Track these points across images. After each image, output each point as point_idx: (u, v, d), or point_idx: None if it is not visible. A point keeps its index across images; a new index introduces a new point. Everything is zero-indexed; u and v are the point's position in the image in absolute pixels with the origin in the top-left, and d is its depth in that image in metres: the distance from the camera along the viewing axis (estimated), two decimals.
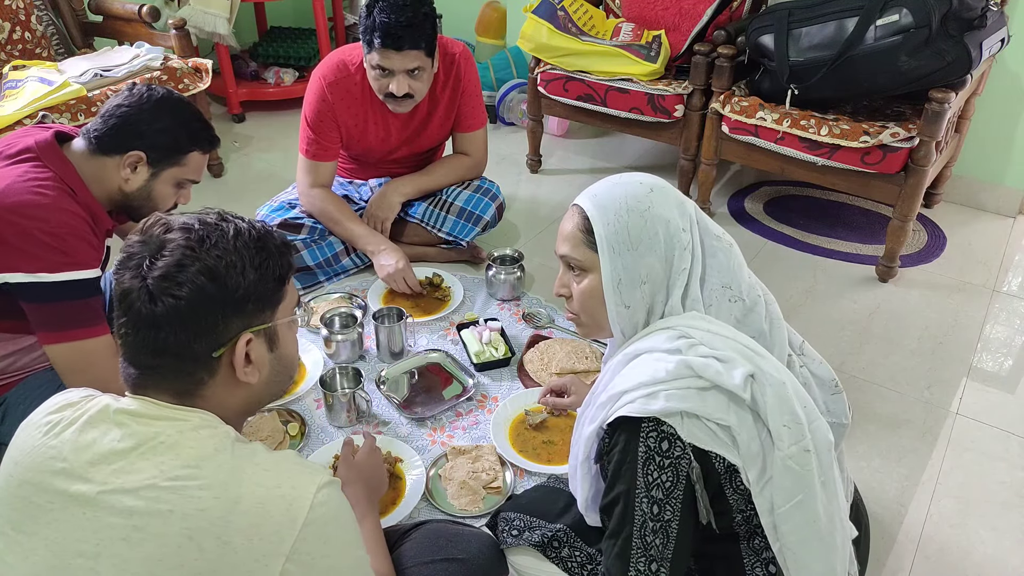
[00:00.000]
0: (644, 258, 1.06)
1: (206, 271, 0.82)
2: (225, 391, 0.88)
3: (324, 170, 2.15)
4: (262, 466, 0.81)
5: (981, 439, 1.77)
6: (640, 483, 0.97)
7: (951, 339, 2.10)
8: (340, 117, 2.09)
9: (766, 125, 2.30)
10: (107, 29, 2.94)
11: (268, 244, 0.89)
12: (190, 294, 0.81)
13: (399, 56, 1.91)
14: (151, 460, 0.78)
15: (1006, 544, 1.52)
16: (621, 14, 2.82)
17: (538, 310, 2.12)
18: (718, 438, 0.97)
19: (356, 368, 1.76)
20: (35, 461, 0.81)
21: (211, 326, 0.84)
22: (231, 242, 0.85)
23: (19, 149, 1.40)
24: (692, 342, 1.02)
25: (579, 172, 3.02)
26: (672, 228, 1.06)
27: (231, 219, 0.88)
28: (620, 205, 1.07)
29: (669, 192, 1.10)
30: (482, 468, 1.56)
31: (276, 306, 0.91)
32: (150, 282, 0.81)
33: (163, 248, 0.83)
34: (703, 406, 0.97)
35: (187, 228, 0.84)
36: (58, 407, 0.86)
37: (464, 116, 2.23)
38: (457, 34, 3.65)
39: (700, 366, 0.98)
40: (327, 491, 0.82)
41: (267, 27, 3.78)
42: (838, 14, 2.13)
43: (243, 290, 0.85)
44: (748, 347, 1.04)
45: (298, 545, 0.77)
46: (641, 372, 1.01)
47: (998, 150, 2.67)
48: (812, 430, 1.01)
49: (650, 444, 0.97)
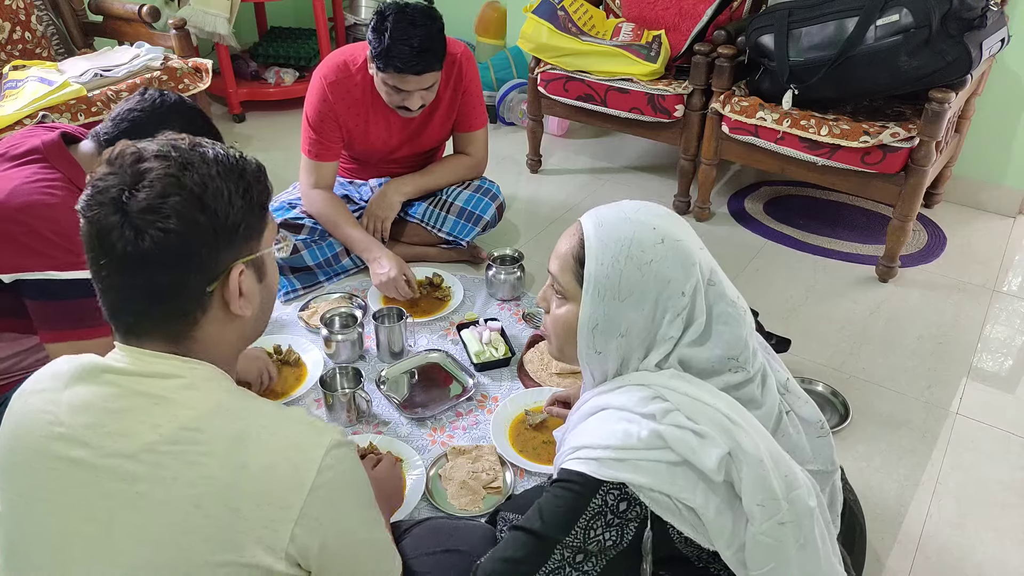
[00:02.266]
0: (628, 312, 0.98)
1: (194, 200, 0.77)
2: (218, 329, 0.84)
3: (326, 170, 2.15)
4: (268, 428, 0.78)
5: (981, 439, 1.77)
6: (576, 536, 0.92)
7: (951, 339, 2.10)
8: (341, 117, 2.09)
9: (766, 125, 2.30)
10: (107, 29, 2.94)
11: (246, 169, 0.84)
12: (180, 226, 0.76)
13: (417, 79, 1.92)
14: (146, 422, 0.76)
15: (1006, 544, 1.52)
16: (621, 14, 2.82)
17: (538, 310, 2.12)
18: (681, 515, 0.93)
19: (356, 368, 1.76)
20: (33, 427, 0.79)
21: (203, 259, 0.79)
22: (213, 168, 0.80)
23: (26, 149, 1.40)
24: (667, 407, 0.95)
25: (579, 172, 3.02)
26: (669, 291, 0.97)
27: (205, 144, 0.83)
28: (621, 248, 0.98)
29: (681, 247, 0.99)
30: (482, 468, 1.56)
31: (262, 234, 0.87)
32: (134, 216, 0.75)
33: (141, 178, 0.77)
34: (672, 484, 0.91)
35: (164, 156, 0.78)
36: (50, 375, 0.83)
37: (465, 116, 2.23)
38: (457, 34, 3.64)
39: (674, 439, 0.92)
40: (336, 452, 0.79)
41: (267, 27, 3.78)
42: (838, 14, 2.13)
43: (232, 218, 0.80)
44: (728, 416, 0.96)
45: (306, 509, 0.76)
46: (610, 432, 0.95)
47: (998, 150, 2.67)
48: (792, 500, 0.95)
49: (608, 501, 0.92)
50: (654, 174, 3.02)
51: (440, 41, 1.92)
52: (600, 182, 2.95)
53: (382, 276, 2.05)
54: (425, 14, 1.89)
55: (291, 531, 0.75)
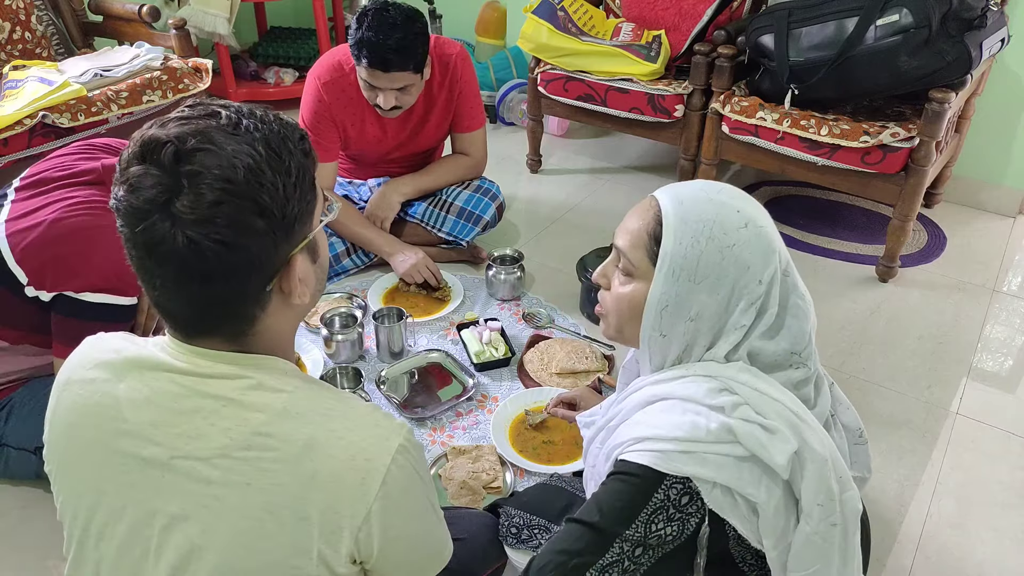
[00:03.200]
0: (702, 295, 0.95)
1: (249, 204, 0.71)
2: (278, 319, 0.80)
3: (326, 171, 2.15)
4: (336, 432, 0.76)
5: (981, 439, 1.77)
6: (637, 530, 0.90)
7: (951, 339, 2.10)
8: (337, 117, 2.09)
9: (766, 125, 2.30)
10: (107, 29, 2.94)
11: (291, 144, 0.76)
12: (237, 236, 0.70)
13: (386, 76, 1.91)
14: (217, 425, 0.75)
15: (1006, 544, 1.52)
16: (621, 14, 2.82)
17: (538, 310, 2.12)
18: (739, 510, 0.91)
19: (356, 368, 1.76)
20: (94, 421, 0.78)
21: (263, 262, 0.75)
22: (262, 157, 0.72)
23: (83, 170, 1.43)
24: (737, 401, 0.92)
25: (579, 172, 3.02)
26: (747, 277, 0.94)
27: (244, 121, 0.74)
28: (703, 229, 0.94)
29: (763, 234, 0.96)
30: (482, 468, 1.56)
31: (313, 212, 0.81)
32: (185, 226, 0.69)
33: (189, 181, 0.69)
34: (738, 479, 0.90)
35: (206, 150, 0.70)
36: (96, 363, 0.81)
37: (462, 117, 2.23)
38: (457, 34, 3.66)
39: (743, 433, 0.90)
40: (401, 459, 0.77)
41: (267, 27, 3.78)
42: (838, 14, 2.13)
43: (288, 212, 0.75)
44: (796, 414, 0.94)
45: (372, 516, 0.76)
46: (677, 423, 0.92)
47: (998, 150, 2.67)
48: (843, 501, 0.94)
49: (670, 495, 0.90)
50: (654, 174, 3.02)
51: (416, 45, 1.90)
52: (600, 182, 2.95)
53: (407, 263, 2.09)
54: (405, 15, 1.88)
55: (356, 536, 0.76)
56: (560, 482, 1.42)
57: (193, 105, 0.76)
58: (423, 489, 0.83)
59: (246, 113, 0.75)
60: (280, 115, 0.79)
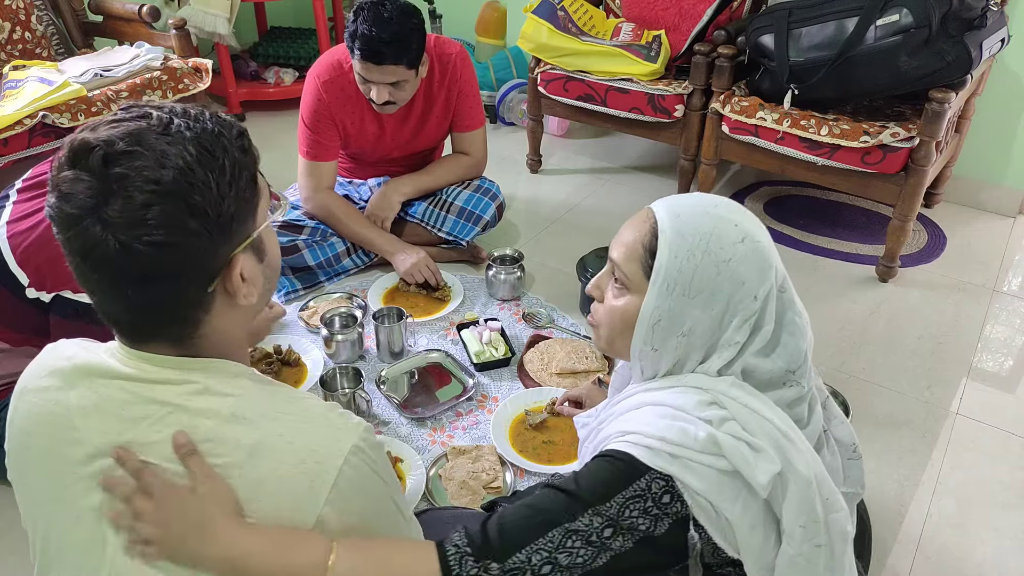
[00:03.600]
0: (695, 310, 0.93)
1: (180, 204, 0.69)
2: (225, 320, 0.79)
3: (326, 170, 2.15)
4: (285, 436, 0.75)
5: (981, 439, 1.77)
6: (611, 508, 0.88)
7: (951, 339, 2.10)
8: (337, 116, 2.09)
9: (766, 125, 2.30)
10: (107, 29, 2.94)
11: (227, 142, 0.74)
12: (169, 236, 0.69)
13: (379, 70, 1.91)
14: (163, 433, 0.74)
15: (1006, 544, 1.52)
16: (621, 14, 2.82)
17: (538, 310, 2.12)
18: (719, 523, 0.90)
19: (356, 368, 1.76)
20: (46, 430, 0.78)
21: (201, 263, 0.74)
22: (192, 156, 0.71)
23: None
24: (725, 416, 0.91)
25: (579, 172, 3.02)
26: (743, 293, 0.92)
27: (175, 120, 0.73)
28: (699, 243, 0.93)
29: (760, 249, 0.94)
30: (482, 468, 1.56)
31: (256, 211, 0.79)
32: (117, 230, 0.68)
33: (116, 184, 0.68)
34: (719, 493, 0.88)
35: (133, 153, 0.69)
36: (49, 371, 0.81)
37: (462, 117, 2.23)
38: (457, 34, 3.65)
39: (729, 448, 0.89)
40: (353, 459, 0.76)
41: (267, 27, 3.78)
42: (838, 14, 2.13)
43: (224, 211, 0.73)
44: (784, 433, 0.92)
45: (323, 516, 0.75)
46: (667, 427, 0.91)
47: (998, 150, 2.67)
48: (829, 522, 0.92)
49: (652, 488, 0.88)
50: (654, 174, 3.02)
51: (410, 40, 1.90)
52: (600, 182, 2.94)
53: (407, 262, 2.10)
54: (400, 9, 1.89)
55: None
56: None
57: (127, 107, 0.75)
58: (383, 489, 0.82)
59: (179, 113, 0.74)
60: (218, 113, 0.78)
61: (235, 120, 0.79)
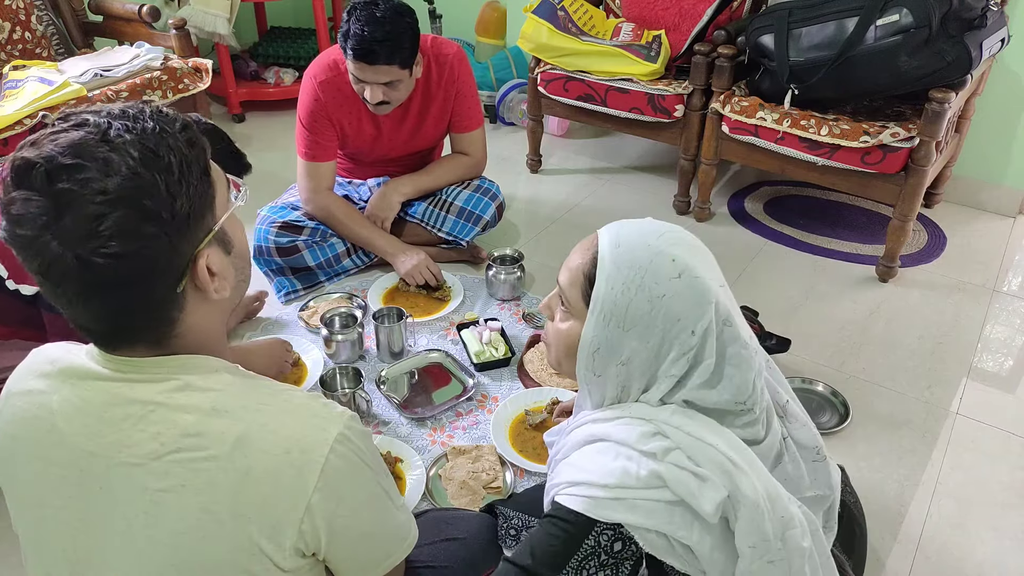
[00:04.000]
0: (632, 342, 0.95)
1: (132, 211, 0.68)
2: (200, 316, 0.79)
3: (325, 171, 2.15)
4: (268, 426, 0.75)
5: (981, 439, 1.77)
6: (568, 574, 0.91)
7: (951, 339, 2.10)
8: (334, 116, 2.09)
9: (766, 125, 2.30)
10: (107, 29, 2.94)
11: (167, 139, 0.72)
12: (125, 246, 0.68)
13: (371, 69, 1.91)
14: (147, 431, 0.74)
15: (1006, 544, 1.52)
16: (621, 14, 2.82)
17: (538, 310, 2.12)
18: (676, 552, 0.92)
19: (356, 368, 1.76)
20: (31, 434, 0.78)
21: (163, 265, 0.73)
22: (136, 160, 0.69)
23: None
24: (668, 446, 0.92)
25: (579, 172, 3.02)
26: (678, 328, 0.93)
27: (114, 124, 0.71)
28: (634, 276, 0.94)
29: (698, 285, 0.94)
30: (482, 468, 1.56)
31: (214, 202, 0.77)
32: (76, 247, 0.68)
33: (62, 200, 0.67)
34: (669, 523, 0.90)
35: (76, 166, 0.68)
36: (34, 374, 0.81)
37: (460, 117, 2.23)
38: (457, 34, 3.66)
39: (673, 480, 0.90)
40: (340, 448, 0.76)
41: (267, 27, 3.78)
42: (838, 14, 2.13)
43: (179, 209, 0.72)
44: (729, 458, 0.93)
45: (312, 507, 0.75)
46: (608, 470, 0.92)
47: (998, 150, 2.67)
48: (785, 539, 0.94)
49: (601, 541, 0.90)
50: (654, 174, 3.02)
51: (403, 40, 1.89)
52: (600, 182, 2.94)
53: (408, 264, 2.11)
54: (394, 9, 1.88)
55: (298, 528, 0.76)
56: None
57: (65, 117, 0.73)
58: (371, 476, 0.82)
59: (117, 115, 0.72)
60: (160, 108, 0.76)
61: (177, 113, 0.77)
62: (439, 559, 1.15)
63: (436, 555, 1.15)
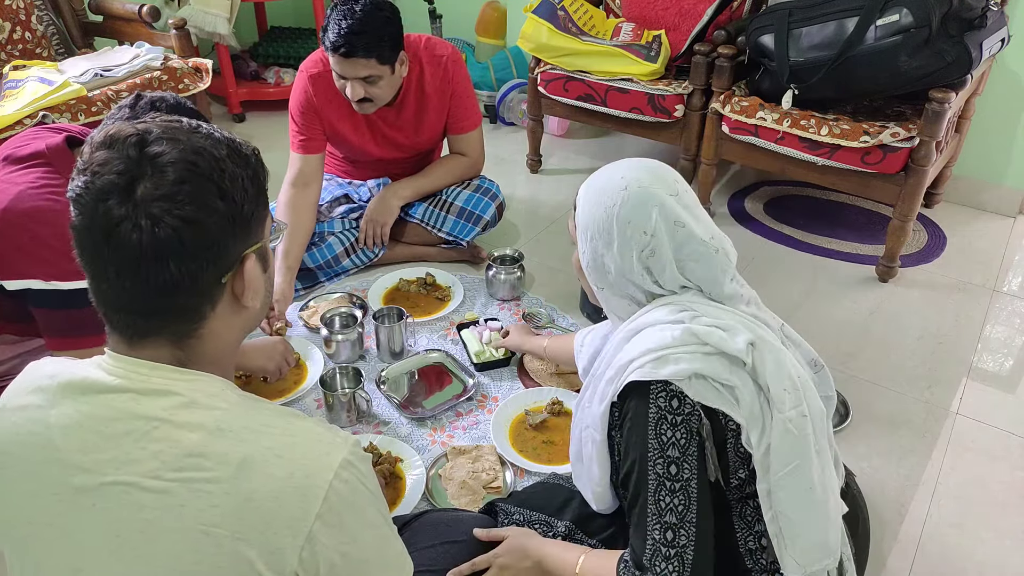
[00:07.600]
0: (603, 249, 1.10)
1: (212, 186, 0.74)
2: (224, 323, 0.81)
3: (310, 162, 2.12)
4: (273, 450, 0.74)
5: (981, 439, 1.77)
6: (653, 445, 1.00)
7: (951, 339, 2.10)
8: (322, 110, 2.09)
9: (766, 125, 2.30)
10: (107, 29, 2.94)
11: (248, 152, 0.81)
12: (198, 213, 0.72)
13: (348, 63, 1.90)
14: (148, 448, 0.73)
15: (1006, 544, 1.52)
16: (621, 14, 2.82)
17: (538, 310, 2.12)
18: (723, 397, 1.00)
19: (356, 368, 1.76)
20: (25, 451, 0.77)
21: (220, 249, 0.76)
22: (223, 150, 0.76)
23: (30, 152, 1.38)
24: (695, 313, 1.05)
25: (579, 172, 3.02)
26: (631, 230, 1.07)
27: (204, 125, 0.79)
28: (593, 195, 1.11)
29: (644, 192, 1.07)
30: (482, 468, 1.56)
31: (264, 222, 0.83)
32: (148, 205, 0.70)
33: (152, 163, 0.72)
34: (709, 367, 1.00)
35: (171, 139, 0.74)
36: (31, 389, 0.80)
37: (457, 118, 2.22)
38: (457, 34, 3.66)
39: (704, 333, 1.02)
40: (344, 474, 0.76)
41: (267, 27, 3.78)
42: (838, 14, 2.13)
43: (246, 205, 0.78)
44: (748, 316, 1.08)
45: (313, 534, 0.74)
46: (647, 340, 1.04)
47: (998, 150, 2.67)
48: (807, 398, 1.04)
49: (660, 404, 1.00)
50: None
51: (381, 34, 1.88)
52: None
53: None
54: (373, 3, 1.88)
55: (299, 555, 0.74)
56: (559, 480, 1.42)
57: (153, 118, 0.79)
58: (372, 503, 0.81)
59: (206, 123, 0.80)
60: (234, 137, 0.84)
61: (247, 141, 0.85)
62: (439, 563, 1.15)
63: (436, 559, 1.15)
